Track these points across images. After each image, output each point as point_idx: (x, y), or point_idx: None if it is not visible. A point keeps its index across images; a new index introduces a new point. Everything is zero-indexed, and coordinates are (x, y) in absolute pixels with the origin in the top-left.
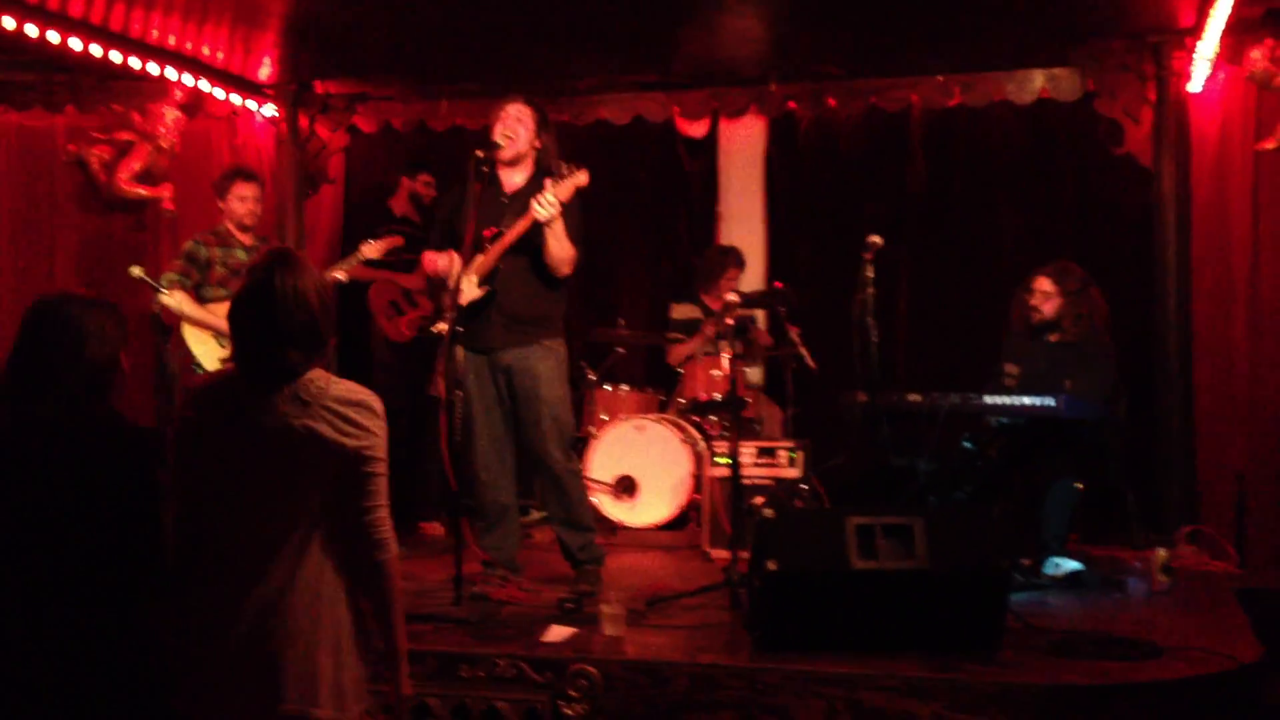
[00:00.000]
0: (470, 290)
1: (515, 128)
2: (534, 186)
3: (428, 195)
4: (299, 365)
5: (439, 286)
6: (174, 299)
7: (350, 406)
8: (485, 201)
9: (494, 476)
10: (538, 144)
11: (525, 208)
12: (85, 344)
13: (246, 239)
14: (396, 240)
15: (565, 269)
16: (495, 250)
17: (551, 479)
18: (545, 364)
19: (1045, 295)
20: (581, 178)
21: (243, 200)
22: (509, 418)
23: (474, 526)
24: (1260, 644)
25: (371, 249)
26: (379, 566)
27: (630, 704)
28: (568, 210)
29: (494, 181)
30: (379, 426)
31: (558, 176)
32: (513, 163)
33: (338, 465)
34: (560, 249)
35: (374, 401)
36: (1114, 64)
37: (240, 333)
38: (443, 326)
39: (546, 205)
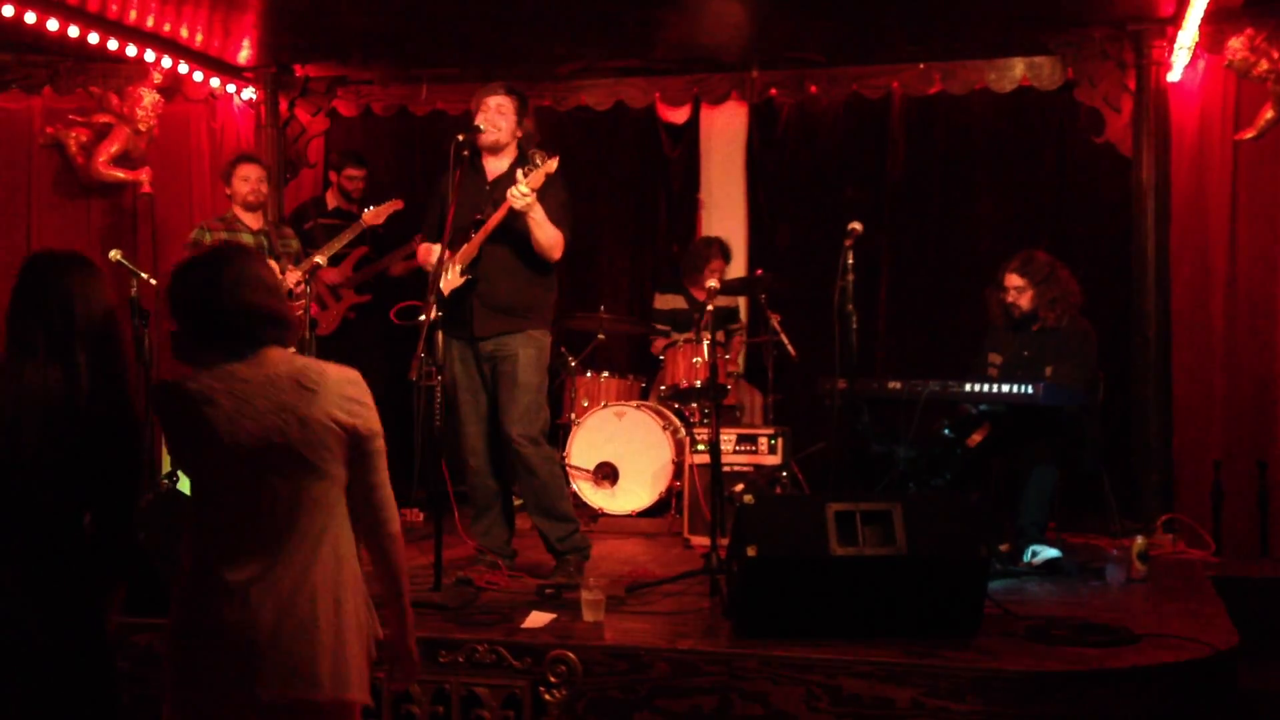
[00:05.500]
0: (453, 279)
1: (496, 119)
2: (514, 173)
3: (354, 189)
4: (266, 341)
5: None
6: None
7: (350, 385)
8: (470, 189)
9: (482, 463)
10: (519, 133)
11: (505, 195)
12: None
13: (253, 222)
14: (397, 204)
15: (554, 253)
16: (477, 238)
17: (524, 467)
18: (525, 351)
19: (1018, 290)
20: (551, 164)
21: (245, 180)
22: (493, 404)
23: (463, 514)
24: (1236, 631)
25: (373, 215)
26: (391, 537)
27: (609, 690)
28: (550, 195)
29: (478, 169)
30: (372, 401)
31: (530, 166)
32: (494, 150)
33: (351, 447)
34: (544, 234)
35: (361, 378)
36: (1094, 52)
37: (206, 313)
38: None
39: (519, 195)
